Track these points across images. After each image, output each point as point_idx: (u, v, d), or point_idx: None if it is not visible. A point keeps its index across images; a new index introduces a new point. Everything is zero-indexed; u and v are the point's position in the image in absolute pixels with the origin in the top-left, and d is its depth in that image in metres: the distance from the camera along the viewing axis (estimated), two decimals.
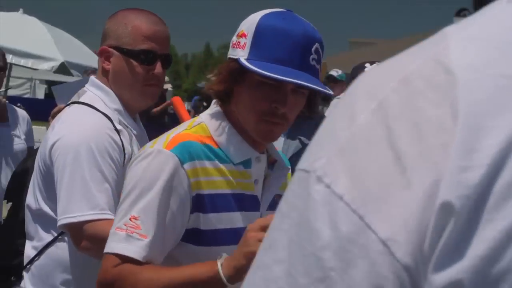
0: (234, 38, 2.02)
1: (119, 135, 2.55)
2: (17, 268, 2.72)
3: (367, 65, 3.12)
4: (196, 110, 15.50)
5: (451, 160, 0.66)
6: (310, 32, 1.97)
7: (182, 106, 2.91)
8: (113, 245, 1.95)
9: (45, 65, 10.28)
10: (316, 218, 0.70)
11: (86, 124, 2.54)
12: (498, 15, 0.74)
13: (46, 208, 2.54)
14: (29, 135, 5.04)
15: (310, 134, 4.31)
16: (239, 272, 1.81)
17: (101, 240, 2.17)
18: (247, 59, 1.95)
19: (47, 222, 2.55)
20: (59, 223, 2.44)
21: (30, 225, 2.64)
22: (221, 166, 2.03)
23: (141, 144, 2.60)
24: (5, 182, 4.62)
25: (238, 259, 1.83)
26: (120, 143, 2.56)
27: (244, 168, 2.08)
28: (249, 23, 2.00)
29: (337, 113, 0.77)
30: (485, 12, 0.76)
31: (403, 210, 0.67)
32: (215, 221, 2.01)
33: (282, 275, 0.73)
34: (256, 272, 0.77)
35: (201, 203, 1.98)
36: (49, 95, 35.36)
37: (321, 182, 0.71)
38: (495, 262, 0.65)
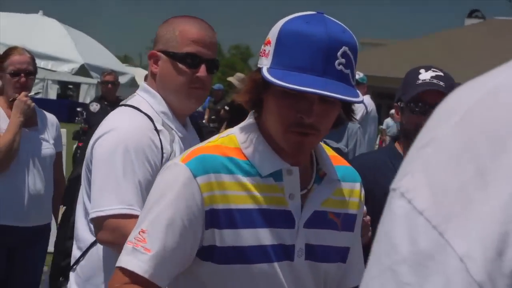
0: (262, 46, 1.92)
1: (159, 135, 2.59)
2: (65, 269, 2.79)
3: (421, 70, 3.03)
4: (212, 112, 15.19)
5: None
6: (335, 34, 1.80)
7: None
8: (121, 258, 1.90)
9: (65, 67, 10.28)
10: (396, 233, 0.71)
11: (126, 125, 2.60)
12: None
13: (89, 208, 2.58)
14: (57, 140, 5.03)
15: (339, 137, 4.21)
16: None
17: (122, 234, 2.28)
18: (269, 68, 1.83)
19: (90, 222, 2.58)
20: (89, 217, 2.50)
21: (77, 226, 2.69)
22: (245, 179, 1.91)
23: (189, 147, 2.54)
24: (33, 185, 4.71)
25: None
26: (159, 143, 2.59)
27: (274, 182, 1.94)
28: (274, 30, 1.88)
29: (424, 129, 0.76)
30: None
31: (481, 226, 0.65)
32: (233, 238, 1.89)
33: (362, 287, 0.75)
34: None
35: (216, 218, 1.88)
36: (61, 95, 35.66)
37: (404, 198, 0.71)
38: None
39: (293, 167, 1.94)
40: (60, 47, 10.23)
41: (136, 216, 2.32)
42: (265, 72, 1.81)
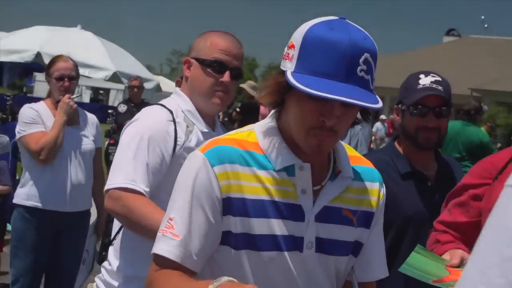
0: (285, 49, 1.78)
1: (175, 126, 2.68)
2: (108, 245, 2.89)
3: (421, 76, 2.97)
4: (225, 115, 15.11)
5: None
6: (358, 42, 1.67)
7: None
8: (154, 246, 1.81)
9: (100, 74, 10.32)
10: None
11: (147, 117, 2.71)
12: None
13: None
14: (97, 137, 5.03)
15: (342, 137, 4.17)
16: None
17: (122, 204, 2.53)
18: (293, 72, 1.70)
19: None
20: (104, 189, 2.63)
21: None
22: (259, 172, 1.80)
23: None
24: (75, 176, 4.75)
25: None
26: (173, 132, 2.68)
27: (287, 176, 1.82)
28: (298, 34, 1.74)
29: None
30: None
31: None
32: (247, 226, 1.78)
33: (476, 275, 0.70)
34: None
35: (231, 205, 1.78)
36: (93, 99, 35.99)
37: None
38: None
39: (305, 164, 1.83)
40: (95, 56, 10.26)
41: (137, 191, 2.55)
42: (289, 76, 1.69)
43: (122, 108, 9.59)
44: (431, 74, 2.94)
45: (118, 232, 2.81)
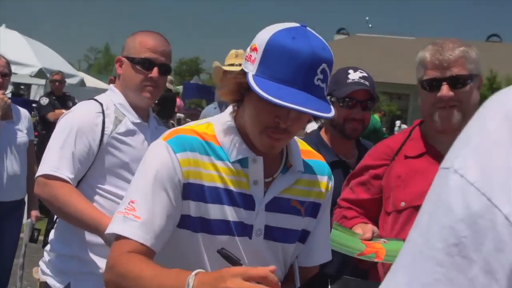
0: (248, 50, 1.72)
1: (104, 116, 2.69)
2: (50, 230, 2.95)
3: (350, 71, 2.97)
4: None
5: None
6: (318, 52, 1.61)
7: None
8: (112, 227, 1.73)
9: (26, 70, 9.98)
10: (452, 200, 0.75)
11: (77, 110, 2.74)
12: None
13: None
14: (29, 130, 4.90)
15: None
16: None
17: (47, 190, 2.61)
18: (254, 75, 1.65)
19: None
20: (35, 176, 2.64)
21: None
22: (216, 162, 1.76)
23: (154, 136, 2.39)
24: (10, 167, 4.64)
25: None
26: (101, 123, 2.69)
27: (241, 167, 1.78)
28: (261, 39, 1.66)
29: (471, 123, 0.80)
30: None
31: None
32: (203, 210, 1.74)
33: (422, 242, 0.77)
34: (406, 245, 0.82)
35: (191, 191, 1.73)
36: (14, 94, 34.89)
37: (457, 173, 0.75)
38: None
39: (258, 157, 1.79)
40: (21, 54, 9.89)
41: (60, 178, 2.59)
42: (251, 80, 1.63)
43: (44, 101, 9.40)
44: (359, 70, 2.95)
45: (56, 219, 2.81)
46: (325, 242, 2.03)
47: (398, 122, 25.91)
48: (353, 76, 2.92)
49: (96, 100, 2.77)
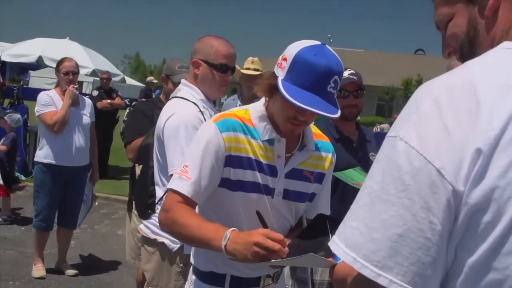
0: (279, 59, 1.71)
1: (203, 114, 2.39)
2: (151, 205, 2.61)
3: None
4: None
5: (480, 126, 0.76)
6: (332, 67, 1.63)
7: None
8: (170, 183, 1.77)
9: (83, 71, 9.78)
10: (400, 159, 0.80)
11: (182, 110, 2.38)
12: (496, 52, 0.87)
13: (165, 166, 2.38)
14: (91, 114, 4.87)
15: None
16: (235, 253, 1.57)
17: None
18: (283, 80, 1.66)
19: (167, 174, 2.35)
20: (169, 174, 2.29)
21: (157, 177, 2.49)
22: (251, 140, 1.77)
23: None
24: (78, 142, 4.67)
25: (242, 244, 1.57)
26: (203, 119, 2.40)
27: (268, 145, 1.78)
28: (291, 51, 1.67)
29: (409, 103, 0.85)
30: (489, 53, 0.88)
31: (450, 153, 0.77)
32: (240, 175, 1.75)
33: (378, 189, 0.82)
34: (362, 191, 0.86)
35: (231, 161, 1.74)
36: None
37: (402, 140, 0.81)
38: (502, 179, 0.76)
39: (282, 138, 1.80)
40: (79, 58, 9.71)
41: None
42: (280, 85, 1.65)
43: (95, 93, 9.32)
44: (348, 69, 2.91)
45: (164, 194, 2.47)
46: (327, 201, 2.02)
47: None
48: (344, 74, 2.85)
49: (187, 99, 2.46)
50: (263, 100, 1.85)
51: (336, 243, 0.86)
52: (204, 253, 1.85)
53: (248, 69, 4.61)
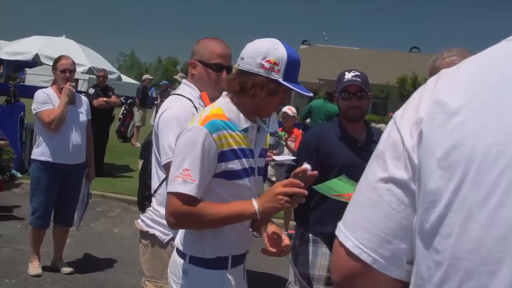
0: (266, 64, 1.93)
1: (196, 110, 2.45)
2: (148, 197, 2.66)
3: (346, 72, 2.97)
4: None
5: (429, 110, 0.84)
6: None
7: (207, 98, 2.71)
8: (176, 187, 1.89)
9: (79, 69, 9.78)
10: (385, 132, 0.93)
11: (177, 105, 2.46)
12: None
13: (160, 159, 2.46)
14: (88, 112, 4.85)
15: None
16: (267, 210, 1.89)
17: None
18: (283, 80, 1.95)
19: (161, 167, 2.46)
20: (162, 163, 2.39)
21: (154, 170, 2.57)
22: (232, 132, 1.95)
23: None
24: (74, 139, 4.66)
25: (268, 200, 1.89)
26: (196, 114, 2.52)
27: (244, 133, 1.99)
28: (278, 55, 1.94)
29: (412, 98, 0.92)
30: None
31: (409, 126, 0.87)
32: (233, 165, 1.94)
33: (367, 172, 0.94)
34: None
35: (223, 156, 1.92)
36: None
37: (394, 119, 0.92)
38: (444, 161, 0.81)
39: (253, 124, 2.04)
40: (76, 56, 9.73)
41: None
42: (284, 82, 1.95)
43: (91, 90, 9.25)
44: (352, 71, 2.92)
45: (159, 186, 2.57)
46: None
47: None
48: (348, 76, 2.91)
49: (184, 96, 2.55)
50: (226, 96, 2.04)
51: (339, 226, 0.96)
52: (210, 241, 2.00)
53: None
